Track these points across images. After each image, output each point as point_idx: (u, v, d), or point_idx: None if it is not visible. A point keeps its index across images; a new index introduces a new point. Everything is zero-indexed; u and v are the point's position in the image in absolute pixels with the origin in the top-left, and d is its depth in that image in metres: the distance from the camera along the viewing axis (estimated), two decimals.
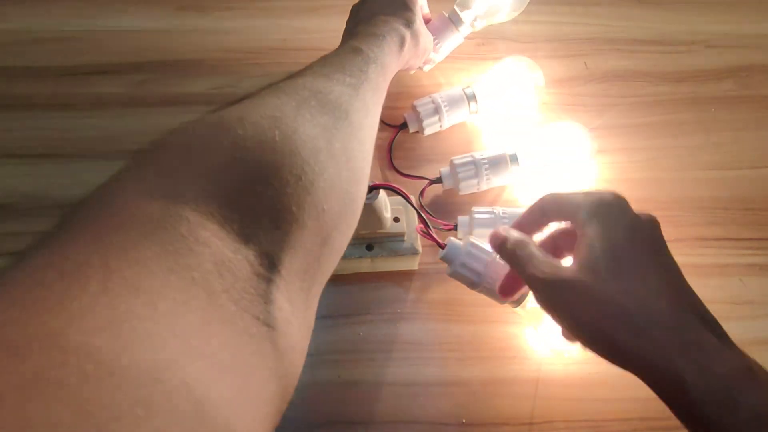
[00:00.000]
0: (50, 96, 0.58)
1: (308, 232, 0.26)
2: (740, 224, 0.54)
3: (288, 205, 0.25)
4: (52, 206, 0.53)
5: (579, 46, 0.64)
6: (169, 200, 0.22)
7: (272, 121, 0.27)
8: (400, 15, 0.47)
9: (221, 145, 0.25)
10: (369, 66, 0.38)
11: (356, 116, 0.32)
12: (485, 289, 0.42)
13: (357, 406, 0.46)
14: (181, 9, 0.64)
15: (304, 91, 0.31)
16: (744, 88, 0.62)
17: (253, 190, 0.24)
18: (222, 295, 0.21)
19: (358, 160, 0.31)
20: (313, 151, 0.27)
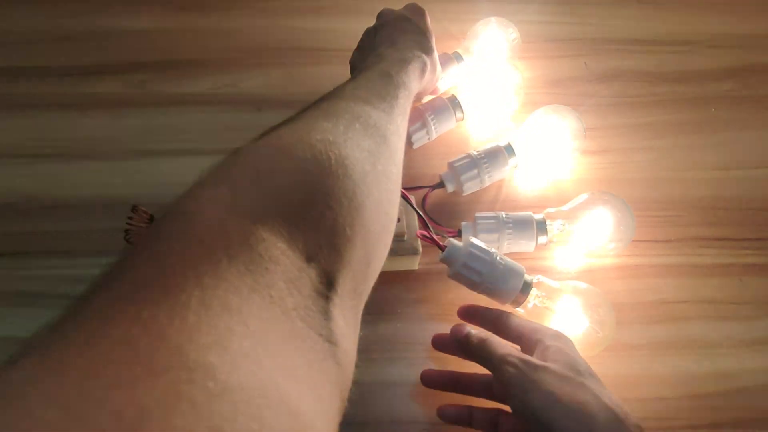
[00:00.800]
0: (50, 96, 0.58)
1: (358, 252, 0.27)
2: (740, 224, 0.54)
3: (343, 225, 0.26)
4: (52, 206, 0.53)
5: (579, 46, 0.64)
6: (246, 218, 0.23)
7: (327, 145, 0.28)
8: (420, 42, 0.48)
9: (286, 167, 0.26)
10: (399, 91, 0.39)
11: (392, 140, 0.34)
12: (486, 290, 0.42)
13: (357, 406, 0.45)
14: (181, 9, 0.64)
15: (347, 114, 0.32)
16: (744, 88, 0.62)
17: (315, 210, 0.25)
18: (292, 313, 0.21)
19: (394, 181, 0.33)
20: (362, 174, 0.28)
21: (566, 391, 0.35)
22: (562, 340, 0.39)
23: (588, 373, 0.37)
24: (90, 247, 0.51)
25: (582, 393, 0.35)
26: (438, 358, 0.47)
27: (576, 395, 0.35)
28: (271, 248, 0.22)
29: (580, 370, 0.37)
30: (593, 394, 0.35)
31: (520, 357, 0.37)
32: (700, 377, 0.47)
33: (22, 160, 0.55)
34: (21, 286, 0.49)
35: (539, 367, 0.36)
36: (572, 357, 0.37)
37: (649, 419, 0.46)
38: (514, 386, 0.36)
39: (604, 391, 0.36)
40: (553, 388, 0.35)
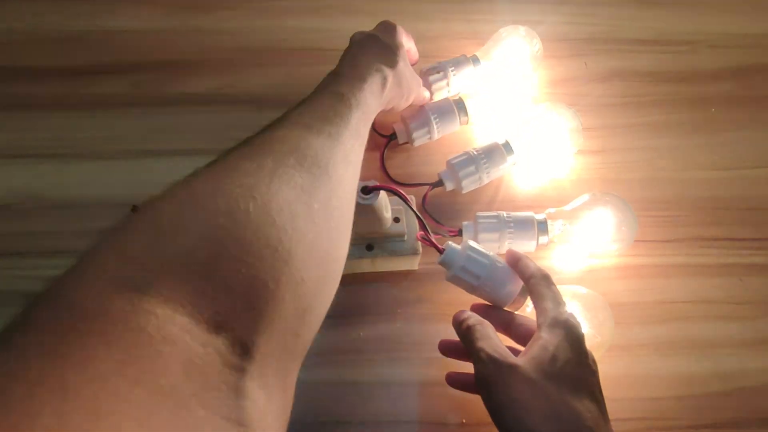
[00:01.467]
0: (50, 96, 0.58)
1: (286, 306, 0.24)
2: (740, 224, 0.54)
3: (264, 281, 0.23)
4: (52, 206, 0.53)
5: (579, 46, 0.64)
6: (135, 293, 0.20)
7: (246, 190, 0.25)
8: (384, 57, 0.46)
9: (191, 224, 0.23)
10: (351, 112, 0.37)
11: (337, 170, 0.31)
12: (484, 293, 0.42)
13: (357, 406, 0.46)
14: (181, 9, 0.64)
15: (282, 146, 0.30)
16: (744, 88, 0.62)
17: (226, 270, 0.22)
18: (191, 400, 0.19)
19: (338, 217, 0.31)
20: (291, 217, 0.26)
21: (524, 396, 0.34)
22: (556, 330, 0.37)
23: (562, 375, 0.35)
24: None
25: (538, 400, 0.34)
26: (437, 358, 0.47)
27: (531, 401, 0.34)
28: (165, 325, 0.20)
29: (552, 372, 0.35)
30: (550, 401, 0.34)
31: (490, 354, 0.36)
32: (701, 377, 0.47)
33: (22, 160, 0.55)
34: (21, 286, 0.49)
35: (505, 367, 0.36)
36: (552, 354, 0.36)
37: (649, 419, 0.46)
38: (480, 381, 0.37)
39: (569, 398, 0.34)
40: (513, 391, 0.35)
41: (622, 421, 0.46)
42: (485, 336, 0.38)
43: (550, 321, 0.38)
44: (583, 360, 0.37)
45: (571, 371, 0.36)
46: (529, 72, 0.59)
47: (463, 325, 0.40)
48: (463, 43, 0.62)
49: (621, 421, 0.46)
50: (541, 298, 0.40)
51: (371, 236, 0.46)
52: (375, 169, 0.55)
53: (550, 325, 0.38)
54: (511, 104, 0.58)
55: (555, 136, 0.52)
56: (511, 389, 0.35)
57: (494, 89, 0.58)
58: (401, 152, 0.57)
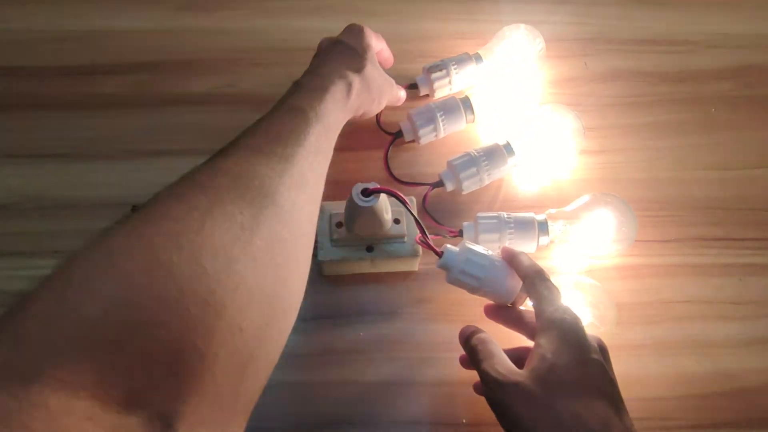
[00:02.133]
0: (50, 96, 0.58)
1: (220, 364, 0.22)
2: (740, 224, 0.54)
3: (190, 341, 0.21)
4: (52, 206, 0.53)
5: (579, 46, 0.64)
6: (24, 382, 0.17)
7: (170, 239, 0.23)
8: (350, 61, 0.44)
9: (102, 288, 0.21)
10: (309, 128, 0.35)
11: (288, 196, 0.29)
12: (485, 293, 0.42)
13: (357, 406, 0.46)
14: (181, 9, 0.64)
15: (224, 178, 0.28)
16: (744, 88, 0.62)
17: (142, 337, 0.20)
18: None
19: (290, 249, 0.28)
20: (227, 262, 0.23)
21: (528, 413, 0.34)
22: (552, 333, 0.36)
23: (564, 381, 0.35)
24: None
25: (541, 413, 0.34)
26: (437, 358, 0.47)
27: (535, 417, 0.34)
28: (59, 417, 0.17)
29: (553, 380, 0.35)
30: (553, 412, 0.33)
31: (494, 376, 0.37)
32: (700, 377, 0.47)
33: (22, 160, 0.55)
34: (21, 286, 0.49)
35: (508, 387, 0.36)
36: (550, 362, 0.35)
37: (649, 419, 0.46)
38: (489, 403, 0.38)
39: (572, 404, 0.34)
40: (518, 409, 0.35)
41: None
42: (488, 356, 0.38)
43: (546, 324, 0.37)
44: (585, 357, 0.36)
45: (572, 375, 0.35)
46: (533, 71, 0.59)
47: (467, 345, 0.41)
48: (466, 42, 0.62)
49: None
50: (535, 298, 0.39)
51: (371, 237, 0.46)
52: (378, 168, 0.55)
53: (546, 328, 0.37)
54: (514, 103, 0.58)
55: (556, 138, 0.52)
56: (516, 407, 0.35)
57: (497, 87, 0.58)
58: (406, 151, 0.57)
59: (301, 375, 0.46)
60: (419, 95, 0.58)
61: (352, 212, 0.43)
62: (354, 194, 0.41)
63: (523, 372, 0.36)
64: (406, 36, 0.63)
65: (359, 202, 0.41)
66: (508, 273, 0.42)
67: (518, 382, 0.35)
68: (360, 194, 0.41)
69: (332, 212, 0.47)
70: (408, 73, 0.59)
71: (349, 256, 0.46)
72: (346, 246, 0.47)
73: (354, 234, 0.45)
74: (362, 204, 0.41)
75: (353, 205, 0.41)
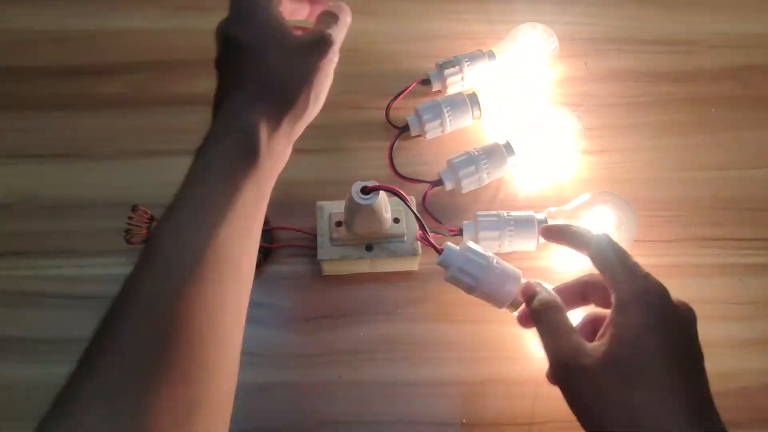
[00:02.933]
0: (50, 96, 0.58)
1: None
2: (740, 224, 0.54)
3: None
4: (52, 206, 0.53)
5: (579, 46, 0.64)
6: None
7: None
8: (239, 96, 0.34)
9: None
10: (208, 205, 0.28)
11: None
12: (483, 294, 0.42)
13: (357, 406, 0.46)
14: (181, 9, 0.64)
15: None
16: (744, 88, 0.62)
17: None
18: None
19: None
20: None
21: (598, 404, 0.31)
22: (631, 310, 0.32)
23: (643, 371, 0.30)
24: (90, 247, 0.51)
25: (614, 408, 0.30)
26: (437, 358, 0.47)
27: (607, 410, 0.30)
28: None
29: (634, 363, 0.30)
30: (626, 408, 0.29)
31: (559, 357, 0.33)
32: None
33: (22, 160, 0.55)
34: (21, 286, 0.49)
35: (575, 372, 0.32)
36: (634, 341, 0.31)
37: None
38: (553, 374, 0.34)
39: (651, 399, 0.30)
40: (585, 398, 0.31)
41: None
42: (556, 325, 0.34)
43: (624, 297, 0.32)
44: (671, 337, 0.31)
45: (652, 361, 0.30)
46: (545, 70, 0.59)
47: (535, 305, 0.37)
48: (477, 42, 0.63)
49: None
50: (606, 268, 0.35)
51: (371, 237, 0.46)
52: (379, 166, 0.55)
53: (623, 303, 0.32)
54: (522, 102, 0.58)
55: (556, 138, 0.52)
56: (583, 396, 0.31)
57: (507, 85, 0.58)
58: (411, 147, 0.57)
59: (301, 375, 0.46)
60: (432, 91, 0.59)
61: (352, 210, 0.43)
62: (353, 192, 0.41)
63: (594, 353, 0.32)
64: (419, 35, 0.63)
65: (358, 200, 0.41)
66: (506, 275, 0.42)
67: (587, 367, 0.31)
68: (359, 192, 0.41)
69: (332, 212, 0.47)
70: (421, 71, 0.59)
71: (349, 255, 0.46)
72: (345, 245, 0.47)
73: (353, 233, 0.45)
74: (361, 202, 0.41)
75: (353, 203, 0.41)
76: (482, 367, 0.47)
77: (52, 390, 0.47)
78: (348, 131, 0.57)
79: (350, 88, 0.59)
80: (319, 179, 0.54)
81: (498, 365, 0.47)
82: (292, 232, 0.51)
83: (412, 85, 0.58)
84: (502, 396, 0.46)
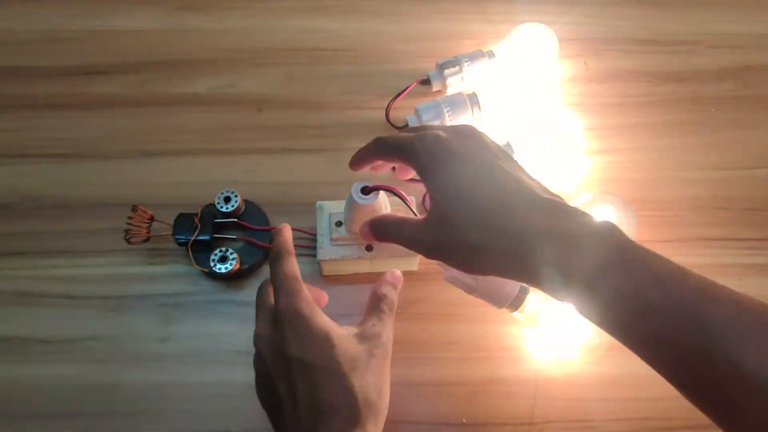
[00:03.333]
0: (50, 96, 0.58)
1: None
2: (740, 224, 0.54)
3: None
4: (52, 206, 0.53)
5: (579, 46, 0.64)
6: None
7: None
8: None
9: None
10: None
11: None
12: (482, 295, 0.42)
13: None
14: (181, 9, 0.64)
15: None
16: (744, 88, 0.62)
17: None
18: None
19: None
20: None
21: (449, 250, 0.34)
22: (425, 156, 0.35)
23: (466, 180, 0.34)
24: (90, 247, 0.51)
25: (457, 245, 0.33)
26: (437, 358, 0.47)
27: (453, 252, 0.34)
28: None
29: (457, 187, 0.34)
30: (462, 238, 0.33)
31: (410, 238, 0.37)
32: None
33: (22, 160, 0.55)
34: (21, 286, 0.49)
35: (419, 240, 0.36)
36: (442, 176, 0.34)
37: (649, 419, 0.46)
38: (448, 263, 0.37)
39: (472, 218, 0.33)
40: (447, 254, 0.35)
41: (623, 421, 0.46)
42: (394, 226, 0.38)
43: (419, 161, 0.35)
44: (463, 144, 0.35)
45: (463, 186, 0.34)
46: (546, 70, 0.59)
47: (375, 231, 0.40)
48: (476, 42, 0.63)
49: (621, 421, 0.46)
50: (395, 153, 0.38)
51: None
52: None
53: (419, 166, 0.35)
54: (522, 102, 0.58)
55: (557, 139, 0.52)
56: (446, 253, 0.35)
57: (509, 85, 0.58)
58: None
59: None
60: (432, 91, 0.59)
61: (352, 210, 0.43)
62: (353, 192, 0.41)
63: (425, 218, 0.36)
64: (419, 35, 0.63)
65: (358, 200, 0.41)
66: (505, 281, 0.42)
67: (423, 233, 0.35)
68: (359, 192, 0.41)
69: (332, 212, 0.47)
70: (421, 71, 0.59)
71: (349, 255, 0.46)
72: (345, 245, 0.47)
73: (353, 233, 0.45)
74: (361, 202, 0.41)
75: (352, 203, 0.41)
76: (482, 367, 0.47)
77: (52, 390, 0.47)
78: (348, 131, 0.57)
79: (350, 88, 0.60)
80: (319, 179, 0.54)
81: (498, 365, 0.47)
82: (292, 232, 0.51)
83: (412, 85, 0.58)
84: (502, 396, 0.46)
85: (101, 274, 0.49)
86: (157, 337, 0.47)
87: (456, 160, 0.34)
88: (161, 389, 0.46)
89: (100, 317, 0.48)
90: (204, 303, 0.49)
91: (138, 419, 0.44)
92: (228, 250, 0.48)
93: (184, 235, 0.48)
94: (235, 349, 0.47)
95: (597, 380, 0.47)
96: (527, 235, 0.31)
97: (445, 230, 0.33)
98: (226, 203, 0.49)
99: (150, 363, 0.46)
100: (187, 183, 0.53)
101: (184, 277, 0.50)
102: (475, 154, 0.35)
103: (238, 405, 0.45)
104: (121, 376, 0.46)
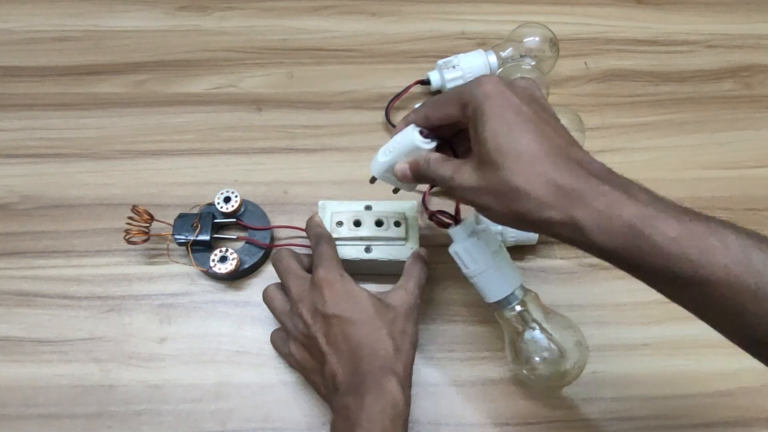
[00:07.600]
0: (50, 96, 0.58)
1: None
2: (740, 224, 0.54)
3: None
4: (52, 206, 0.53)
5: (579, 46, 0.64)
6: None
7: None
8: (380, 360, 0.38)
9: None
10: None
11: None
12: (475, 282, 0.42)
13: None
14: (181, 9, 0.64)
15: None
16: (744, 88, 0.62)
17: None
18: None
19: None
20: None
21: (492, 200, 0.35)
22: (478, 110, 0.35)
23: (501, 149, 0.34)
24: (90, 247, 0.51)
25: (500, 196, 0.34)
26: (437, 358, 0.47)
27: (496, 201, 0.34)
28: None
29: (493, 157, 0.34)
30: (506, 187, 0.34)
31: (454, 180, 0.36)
32: (700, 377, 0.47)
33: (22, 160, 0.55)
34: (21, 286, 0.49)
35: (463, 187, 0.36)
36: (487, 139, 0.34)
37: (650, 419, 0.46)
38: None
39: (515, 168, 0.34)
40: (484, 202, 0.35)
41: (623, 421, 0.46)
42: (435, 166, 0.38)
43: (470, 111, 0.35)
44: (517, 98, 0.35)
45: (509, 139, 0.34)
46: (545, 70, 0.59)
47: (421, 171, 0.39)
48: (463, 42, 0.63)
49: (621, 420, 0.46)
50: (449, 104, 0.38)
51: (370, 239, 0.47)
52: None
53: (470, 115, 0.35)
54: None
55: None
56: (482, 200, 0.35)
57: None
58: None
59: (301, 375, 0.46)
60: (432, 91, 0.59)
61: (404, 154, 0.40)
62: (414, 136, 0.39)
63: (470, 162, 0.36)
64: (419, 35, 0.63)
65: (421, 143, 0.38)
66: (504, 276, 0.42)
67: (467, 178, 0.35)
68: (418, 134, 0.39)
69: (334, 211, 0.47)
70: (421, 71, 0.59)
71: (349, 255, 0.46)
72: (345, 245, 0.47)
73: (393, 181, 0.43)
74: (425, 146, 0.38)
75: (413, 148, 0.39)
76: (482, 367, 0.47)
77: (52, 390, 0.47)
78: (348, 131, 0.57)
79: (350, 88, 0.60)
80: (319, 179, 0.54)
81: (498, 365, 0.47)
82: (292, 232, 0.51)
83: (412, 85, 0.58)
84: (502, 396, 0.46)
85: (100, 274, 0.49)
86: (156, 338, 0.47)
87: (512, 111, 0.35)
88: (160, 389, 0.46)
89: (99, 317, 0.48)
90: (203, 303, 0.49)
91: (137, 419, 0.44)
92: (228, 250, 0.48)
93: (184, 235, 0.48)
94: (235, 349, 0.47)
95: (598, 380, 0.47)
96: (566, 189, 0.35)
97: (491, 171, 0.34)
98: (225, 203, 0.49)
99: (149, 363, 0.46)
100: (187, 183, 0.53)
101: (184, 277, 0.50)
102: (530, 108, 0.36)
103: (237, 405, 0.45)
104: (120, 376, 0.46)
